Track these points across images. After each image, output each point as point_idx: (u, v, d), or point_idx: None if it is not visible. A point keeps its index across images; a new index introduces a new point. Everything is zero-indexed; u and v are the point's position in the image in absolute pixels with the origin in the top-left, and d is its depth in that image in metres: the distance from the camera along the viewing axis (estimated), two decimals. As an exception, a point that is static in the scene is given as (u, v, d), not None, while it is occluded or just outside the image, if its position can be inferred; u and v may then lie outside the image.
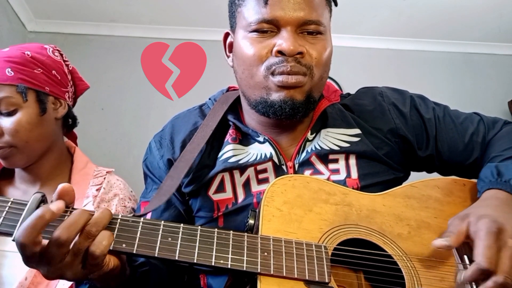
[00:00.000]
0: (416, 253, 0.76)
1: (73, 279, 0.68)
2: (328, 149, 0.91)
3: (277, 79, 0.84)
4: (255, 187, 0.90)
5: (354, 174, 0.90)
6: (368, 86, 1.06)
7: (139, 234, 0.68)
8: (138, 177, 1.11)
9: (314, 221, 0.76)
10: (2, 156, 1.09)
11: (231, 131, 0.96)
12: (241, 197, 0.90)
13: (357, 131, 0.94)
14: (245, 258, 0.68)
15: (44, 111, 1.12)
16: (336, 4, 0.94)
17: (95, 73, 2.53)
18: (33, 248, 0.62)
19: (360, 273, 0.78)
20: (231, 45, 0.96)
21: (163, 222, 0.70)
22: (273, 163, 0.91)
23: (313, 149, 0.92)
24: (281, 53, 0.83)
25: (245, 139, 0.96)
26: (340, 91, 1.06)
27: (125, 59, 2.79)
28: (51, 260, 0.63)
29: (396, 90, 1.04)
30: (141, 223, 0.69)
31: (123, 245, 0.66)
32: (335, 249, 0.73)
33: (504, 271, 0.65)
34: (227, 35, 0.98)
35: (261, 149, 0.92)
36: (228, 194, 0.90)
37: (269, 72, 0.84)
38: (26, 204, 0.66)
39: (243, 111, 0.99)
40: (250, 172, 0.91)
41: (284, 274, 0.68)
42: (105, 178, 1.20)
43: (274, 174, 0.90)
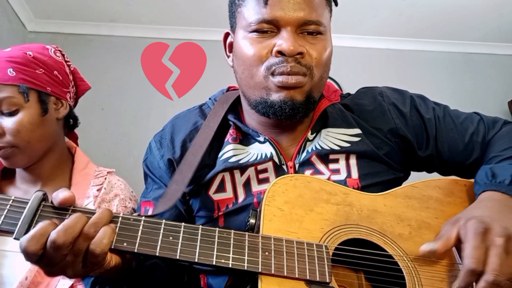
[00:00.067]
0: (416, 253, 0.75)
1: (74, 277, 0.68)
2: (328, 149, 0.91)
3: (277, 79, 0.84)
4: (255, 187, 0.90)
5: (354, 174, 0.90)
6: (368, 86, 1.06)
7: (140, 233, 0.68)
8: (138, 177, 1.11)
9: (315, 221, 0.76)
10: (3, 156, 1.09)
11: (231, 131, 0.96)
12: (241, 197, 0.89)
13: (358, 131, 0.94)
14: (246, 257, 0.68)
15: (45, 111, 1.12)
16: (336, 4, 0.94)
17: (95, 73, 2.52)
18: (36, 254, 0.63)
19: (360, 273, 0.78)
20: (231, 45, 0.96)
21: (164, 221, 0.70)
22: (274, 163, 0.91)
23: (314, 149, 0.92)
24: (281, 53, 0.83)
25: (245, 139, 0.96)
26: (340, 91, 1.06)
27: (125, 59, 2.79)
28: (51, 261, 0.64)
29: (396, 90, 1.04)
30: (142, 222, 0.69)
31: (124, 244, 0.67)
32: (336, 249, 0.73)
33: (493, 269, 0.65)
34: (227, 35, 0.98)
35: (261, 149, 0.92)
36: (228, 194, 0.90)
37: (269, 72, 0.84)
38: (27, 202, 0.66)
39: (243, 111, 0.99)
40: (250, 172, 0.91)
41: (285, 273, 0.68)
42: (106, 178, 1.20)
43: (274, 174, 0.90)
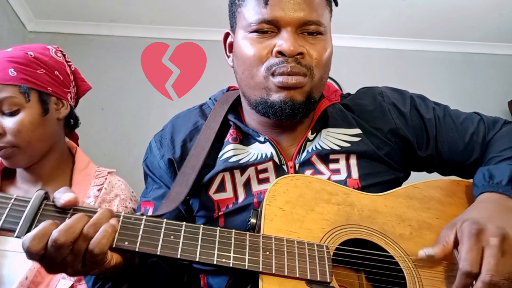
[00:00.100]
0: (417, 254, 0.75)
1: (75, 275, 0.68)
2: (328, 149, 0.91)
3: (277, 79, 0.84)
4: (255, 187, 0.90)
5: (354, 174, 0.90)
6: (368, 86, 1.06)
7: (142, 232, 0.68)
8: (138, 177, 1.11)
9: (316, 221, 0.76)
10: (4, 156, 1.09)
11: (231, 130, 0.96)
12: (241, 196, 0.89)
13: (358, 131, 0.94)
14: (247, 257, 0.69)
15: (46, 111, 1.12)
16: (336, 4, 0.94)
17: (95, 73, 2.51)
18: (38, 253, 0.63)
19: (361, 273, 0.78)
20: (231, 45, 0.95)
21: (165, 220, 0.70)
22: (274, 163, 0.91)
23: (314, 149, 0.91)
24: (281, 53, 0.83)
25: (245, 139, 0.95)
26: (340, 91, 1.06)
27: (125, 59, 2.79)
28: (52, 259, 0.64)
29: (396, 90, 1.04)
30: (143, 221, 0.69)
31: (126, 243, 0.67)
32: (337, 249, 0.73)
33: (489, 269, 0.65)
34: (227, 35, 0.98)
35: (261, 149, 0.92)
36: (228, 193, 0.90)
37: (269, 72, 0.84)
38: (29, 201, 0.66)
39: (243, 111, 0.99)
40: (250, 171, 0.91)
41: (285, 273, 0.68)
42: (106, 178, 1.20)
43: (274, 174, 0.90)
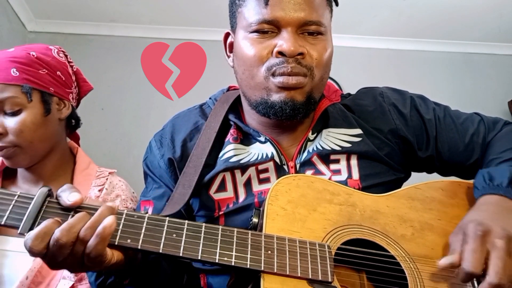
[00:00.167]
0: (419, 254, 0.76)
1: (77, 272, 0.69)
2: (329, 149, 0.91)
3: (277, 80, 0.83)
4: (256, 187, 0.90)
5: (355, 175, 0.90)
6: (368, 86, 1.06)
7: (144, 230, 0.68)
8: (138, 177, 1.11)
9: (318, 221, 0.76)
10: (6, 155, 1.09)
11: (232, 130, 0.96)
12: (242, 196, 0.89)
13: (359, 131, 0.94)
14: (249, 256, 0.69)
15: (48, 111, 1.12)
16: (337, 4, 0.94)
17: (95, 73, 2.50)
18: (41, 252, 0.63)
19: (363, 273, 0.78)
20: (231, 45, 0.95)
21: (168, 218, 0.70)
22: (275, 163, 0.91)
23: (315, 149, 0.92)
24: (281, 54, 0.83)
25: (246, 139, 0.95)
26: (340, 91, 1.06)
27: (125, 59, 2.79)
28: (54, 257, 0.64)
29: (396, 90, 1.04)
30: (146, 219, 0.69)
31: (128, 240, 0.67)
32: (339, 249, 0.74)
33: (497, 272, 0.66)
34: (227, 35, 0.98)
35: (262, 149, 0.92)
36: (229, 193, 0.90)
37: (270, 73, 0.84)
38: (32, 198, 0.66)
39: (243, 111, 0.99)
40: (251, 171, 0.91)
41: (287, 272, 0.68)
42: (107, 179, 1.20)
43: (275, 174, 0.90)
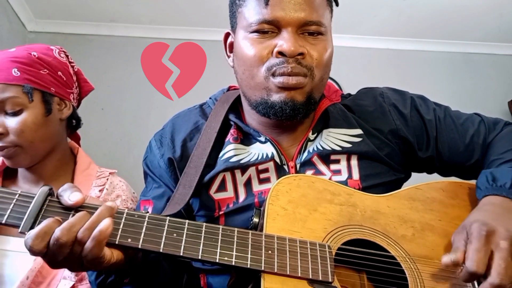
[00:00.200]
0: (419, 255, 0.76)
1: (76, 271, 0.68)
2: (330, 149, 0.91)
3: (277, 80, 0.83)
4: (256, 187, 0.90)
5: (355, 175, 0.90)
6: (369, 86, 1.06)
7: (145, 229, 0.68)
8: (138, 177, 1.11)
9: (318, 221, 0.76)
10: (7, 155, 1.09)
11: (232, 130, 0.96)
12: (242, 196, 0.89)
13: (359, 131, 0.94)
14: (249, 255, 0.69)
15: (49, 111, 1.12)
16: (337, 4, 0.94)
17: (95, 73, 2.49)
18: (41, 252, 0.63)
19: (363, 274, 0.78)
20: (231, 45, 0.95)
21: (168, 218, 0.70)
22: (275, 163, 0.91)
23: (315, 149, 0.91)
24: (281, 54, 0.83)
25: (246, 139, 0.95)
26: (341, 91, 1.06)
27: (125, 59, 2.79)
28: (54, 256, 0.64)
29: (396, 91, 1.04)
30: (146, 219, 0.69)
31: (129, 240, 0.67)
32: (339, 249, 0.74)
33: (499, 272, 0.66)
34: (227, 35, 0.98)
35: (262, 149, 0.92)
36: (229, 193, 0.90)
37: (270, 73, 0.84)
38: (33, 197, 0.66)
39: (244, 111, 0.99)
40: (251, 171, 0.91)
41: (287, 272, 0.68)
42: (108, 179, 1.20)
43: (275, 174, 0.90)
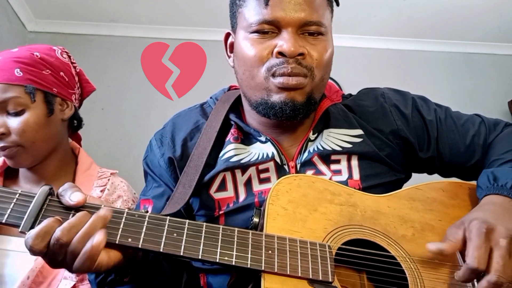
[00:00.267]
0: (419, 255, 0.76)
1: (76, 272, 0.68)
2: (330, 149, 0.91)
3: (277, 80, 0.83)
4: (256, 187, 0.90)
5: (356, 175, 0.90)
6: (369, 87, 1.06)
7: (145, 229, 0.68)
8: (138, 177, 1.11)
9: (318, 221, 0.76)
10: (8, 155, 1.09)
11: (232, 130, 0.96)
12: (242, 196, 0.89)
13: (360, 131, 0.94)
14: (250, 255, 0.68)
15: (51, 112, 1.13)
16: (338, 4, 0.94)
17: (95, 73, 2.48)
18: (41, 252, 0.63)
19: (363, 274, 0.78)
20: (232, 45, 0.95)
21: (168, 217, 0.70)
22: (275, 162, 0.91)
23: (316, 149, 0.92)
24: (282, 54, 0.83)
25: (246, 139, 0.96)
26: (341, 91, 1.06)
27: (125, 59, 2.78)
28: (54, 256, 0.64)
29: (397, 91, 1.04)
30: (147, 218, 0.69)
31: (129, 240, 0.66)
32: (339, 249, 0.74)
33: (497, 270, 0.66)
34: (228, 35, 0.98)
35: (263, 149, 0.92)
36: (229, 193, 0.90)
37: (270, 73, 0.84)
38: (33, 196, 0.66)
39: (244, 111, 0.99)
40: (251, 171, 0.91)
41: (288, 272, 0.68)
42: (109, 179, 1.20)
43: (276, 173, 0.90)
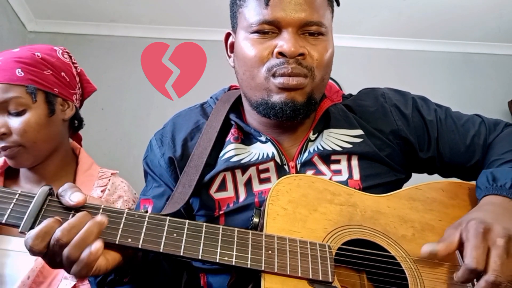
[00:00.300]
0: (420, 255, 0.75)
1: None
2: (330, 149, 0.91)
3: (278, 80, 0.83)
4: (256, 187, 0.90)
5: (356, 175, 0.90)
6: (370, 87, 1.06)
7: (145, 229, 0.68)
8: (138, 177, 1.11)
9: (318, 221, 0.76)
10: (9, 155, 1.09)
11: (233, 130, 0.96)
12: (242, 196, 0.89)
13: (360, 132, 0.94)
14: (250, 255, 0.68)
15: (52, 112, 1.13)
16: (338, 4, 0.94)
17: (95, 73, 2.48)
18: (41, 252, 0.63)
19: (363, 274, 0.78)
20: (232, 45, 0.95)
21: (168, 218, 0.70)
22: (275, 163, 0.91)
23: (316, 149, 0.92)
24: (282, 54, 0.83)
25: (247, 139, 0.95)
26: (342, 91, 1.06)
27: (125, 59, 2.78)
28: (54, 257, 0.64)
29: (398, 91, 1.04)
30: (147, 219, 0.69)
31: (129, 240, 0.66)
32: (339, 249, 0.74)
33: (494, 269, 0.66)
34: (228, 36, 0.98)
35: (263, 149, 0.92)
36: (229, 193, 0.90)
37: (270, 73, 0.84)
38: (33, 196, 0.66)
39: (244, 111, 0.99)
40: (252, 171, 0.91)
41: (288, 272, 0.68)
42: (109, 179, 1.20)
43: (276, 174, 0.90)
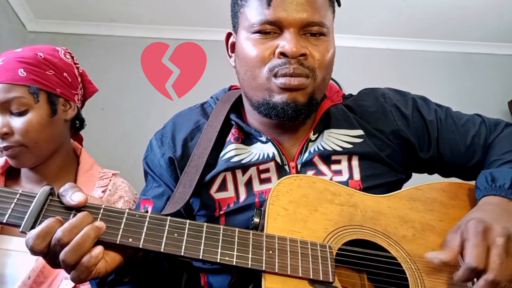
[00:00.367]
0: (420, 255, 0.75)
1: None
2: (331, 150, 0.91)
3: (279, 81, 0.83)
4: (257, 187, 0.90)
5: (356, 175, 0.90)
6: (370, 87, 1.06)
7: (146, 229, 0.68)
8: (138, 177, 1.11)
9: (319, 221, 0.76)
10: (11, 155, 1.10)
11: (233, 130, 0.96)
12: (242, 196, 0.89)
13: (360, 132, 0.94)
14: (250, 255, 0.68)
15: (54, 112, 1.13)
16: (339, 4, 0.94)
17: (95, 73, 2.47)
18: (42, 252, 0.63)
19: (363, 274, 0.78)
20: (233, 45, 0.95)
21: (169, 217, 0.70)
22: (276, 163, 0.91)
23: (316, 149, 0.92)
24: (283, 54, 0.83)
25: (247, 139, 0.95)
26: (342, 91, 1.06)
27: (125, 59, 2.79)
28: (54, 256, 0.64)
29: (398, 91, 1.04)
30: (147, 219, 0.69)
31: (130, 240, 0.66)
32: (340, 249, 0.74)
33: (494, 268, 0.66)
34: (229, 35, 0.97)
35: (263, 149, 0.92)
36: (230, 193, 0.90)
37: (272, 74, 0.84)
38: (34, 196, 0.66)
39: (245, 111, 0.99)
40: (252, 171, 0.91)
41: (288, 272, 0.68)
42: (110, 180, 1.20)
43: (276, 174, 0.90)
